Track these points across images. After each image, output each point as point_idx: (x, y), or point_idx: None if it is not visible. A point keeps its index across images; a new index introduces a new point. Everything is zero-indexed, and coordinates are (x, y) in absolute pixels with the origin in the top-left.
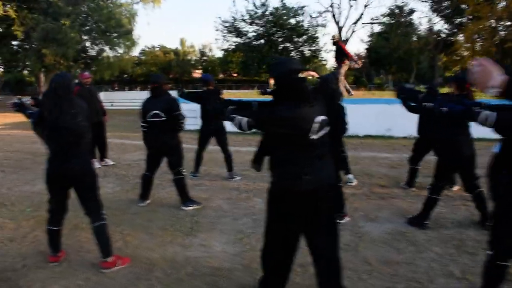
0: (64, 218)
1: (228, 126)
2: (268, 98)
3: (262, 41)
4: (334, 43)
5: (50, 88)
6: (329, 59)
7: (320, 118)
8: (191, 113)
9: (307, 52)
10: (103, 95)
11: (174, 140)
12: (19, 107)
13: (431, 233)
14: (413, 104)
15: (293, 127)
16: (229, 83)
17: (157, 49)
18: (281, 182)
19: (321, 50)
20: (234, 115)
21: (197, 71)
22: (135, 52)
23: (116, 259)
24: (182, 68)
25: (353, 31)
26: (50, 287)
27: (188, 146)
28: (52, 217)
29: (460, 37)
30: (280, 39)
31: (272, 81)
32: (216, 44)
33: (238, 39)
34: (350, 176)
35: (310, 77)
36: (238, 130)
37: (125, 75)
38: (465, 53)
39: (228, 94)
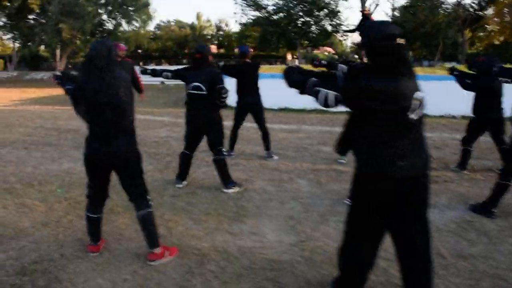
0: (104, 205)
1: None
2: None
3: (281, 15)
4: (365, 16)
5: (89, 57)
6: (349, 34)
7: (420, 94)
8: None
9: (328, 27)
10: None
11: (216, 116)
12: (61, 80)
13: (500, 222)
14: (468, 81)
15: (392, 103)
16: None
17: (173, 24)
18: (371, 167)
19: (342, 25)
20: (319, 88)
21: (213, 46)
22: (151, 26)
23: (163, 250)
24: (198, 43)
25: (376, 5)
26: (94, 281)
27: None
28: (92, 203)
29: (489, 12)
30: (300, 13)
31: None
32: (234, 18)
33: (257, 13)
34: None
35: (326, 53)
36: (322, 107)
37: (140, 50)
38: (494, 28)
39: None
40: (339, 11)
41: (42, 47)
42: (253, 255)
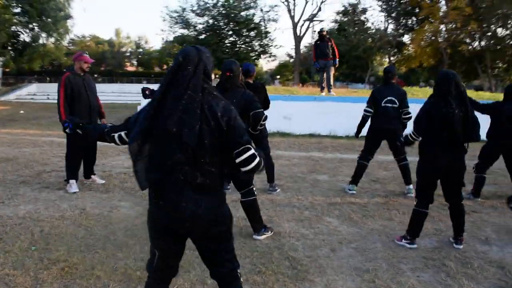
0: (170, 283)
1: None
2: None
3: (210, 33)
4: (322, 37)
5: (177, 66)
6: (278, 54)
7: None
8: None
9: (257, 47)
10: (35, 88)
11: None
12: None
13: None
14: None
15: None
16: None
17: (88, 39)
18: None
19: (271, 46)
20: None
21: (131, 63)
22: (65, 41)
23: None
24: (116, 60)
25: (307, 27)
26: None
27: None
28: (154, 280)
29: (407, 39)
30: (229, 32)
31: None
32: (162, 35)
33: (186, 31)
34: (410, 186)
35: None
36: None
37: (49, 66)
38: (414, 53)
39: None
40: (268, 32)
41: None
42: None
